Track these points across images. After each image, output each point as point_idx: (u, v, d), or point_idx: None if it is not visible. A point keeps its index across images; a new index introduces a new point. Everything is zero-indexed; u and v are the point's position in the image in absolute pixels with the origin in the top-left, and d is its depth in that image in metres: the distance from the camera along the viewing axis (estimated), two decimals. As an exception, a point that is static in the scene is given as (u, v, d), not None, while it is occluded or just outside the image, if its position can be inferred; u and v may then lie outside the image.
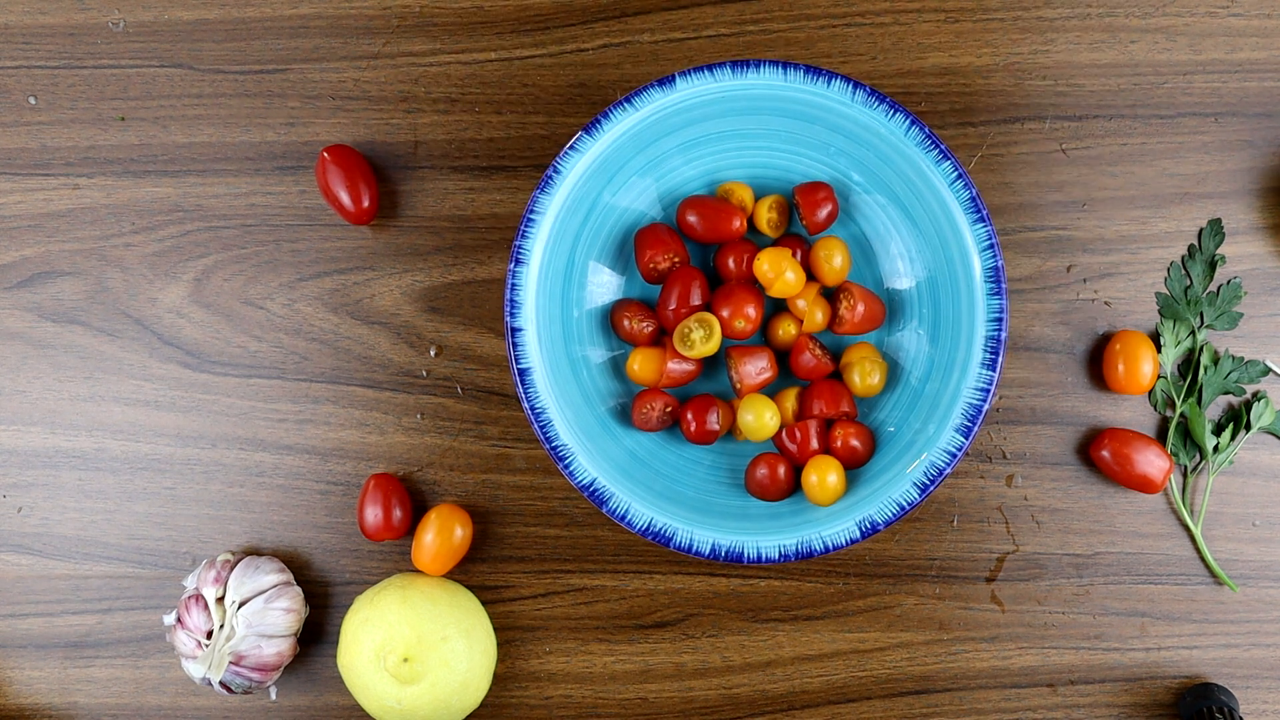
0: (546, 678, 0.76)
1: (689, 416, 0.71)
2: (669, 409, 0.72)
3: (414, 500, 0.76)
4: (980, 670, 0.75)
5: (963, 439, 0.68)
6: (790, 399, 0.72)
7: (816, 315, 0.72)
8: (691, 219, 0.71)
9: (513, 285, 0.69)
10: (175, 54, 0.77)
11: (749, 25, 0.76)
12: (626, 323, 0.72)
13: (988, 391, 0.68)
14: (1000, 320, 0.69)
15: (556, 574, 0.76)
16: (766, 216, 0.72)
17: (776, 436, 0.72)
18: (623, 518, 0.69)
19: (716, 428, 0.71)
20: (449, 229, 0.76)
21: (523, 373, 0.69)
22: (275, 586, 0.73)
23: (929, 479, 0.68)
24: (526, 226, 0.70)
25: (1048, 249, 0.76)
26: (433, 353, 0.76)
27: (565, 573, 0.76)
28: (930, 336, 0.71)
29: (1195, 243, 0.75)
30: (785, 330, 0.73)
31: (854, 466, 0.72)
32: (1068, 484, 0.75)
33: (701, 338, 0.70)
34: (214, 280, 0.77)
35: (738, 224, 0.71)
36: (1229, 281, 0.75)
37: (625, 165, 0.71)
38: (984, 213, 0.69)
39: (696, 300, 0.71)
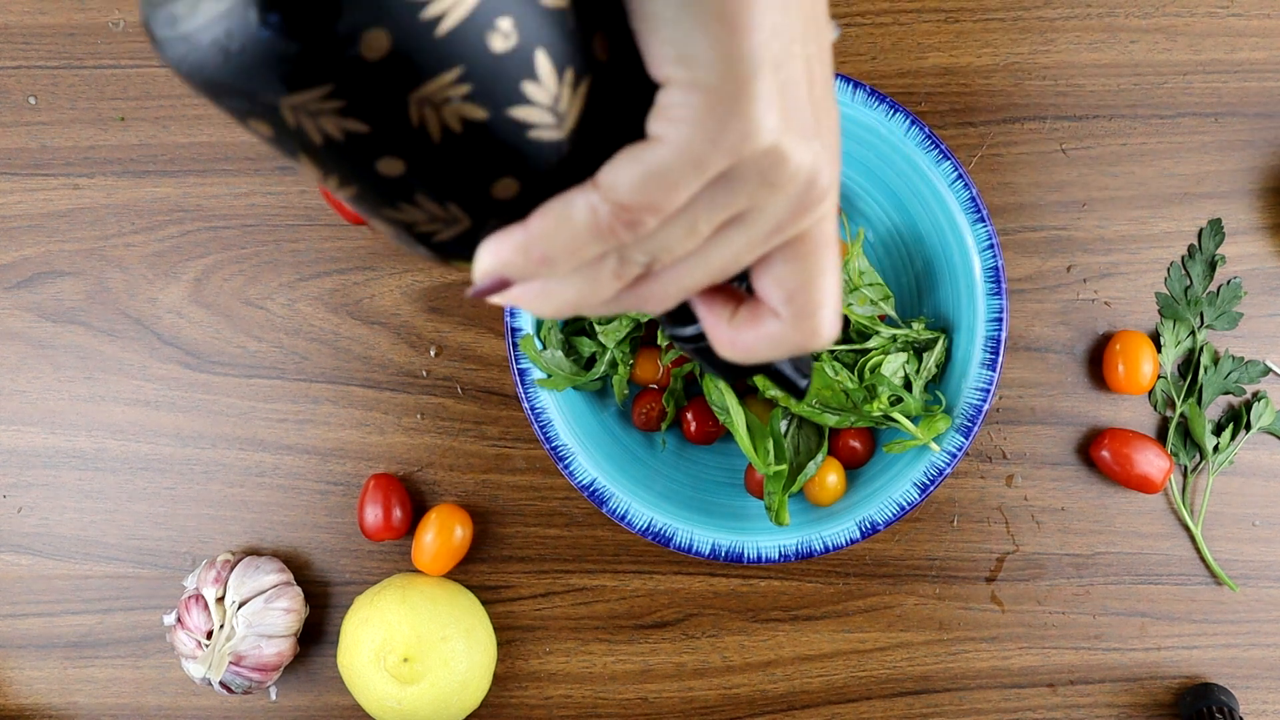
0: (546, 678, 0.76)
1: (689, 416, 0.71)
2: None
3: (414, 500, 0.76)
4: (980, 670, 0.75)
5: (963, 439, 0.68)
6: (790, 399, 0.72)
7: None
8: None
9: (513, 285, 0.69)
10: (175, 54, 0.77)
11: (749, 25, 0.76)
12: (626, 323, 0.72)
13: (988, 391, 0.68)
14: (1000, 320, 0.69)
15: (556, 574, 0.76)
16: (766, 216, 0.72)
17: (776, 436, 0.72)
18: (623, 518, 0.69)
19: (716, 428, 0.71)
20: (449, 229, 0.76)
21: (523, 373, 0.69)
22: (275, 586, 0.73)
23: (929, 479, 0.68)
24: (526, 226, 0.70)
25: (1048, 249, 0.76)
26: (433, 353, 0.76)
27: (565, 573, 0.76)
28: (930, 336, 0.71)
29: (1195, 243, 0.75)
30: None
31: (854, 466, 0.72)
32: (1068, 484, 0.75)
33: (701, 338, 0.70)
34: (214, 280, 0.77)
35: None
36: (1229, 281, 0.75)
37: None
38: (984, 213, 0.69)
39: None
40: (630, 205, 0.33)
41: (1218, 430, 0.75)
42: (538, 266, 0.34)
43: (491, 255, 0.34)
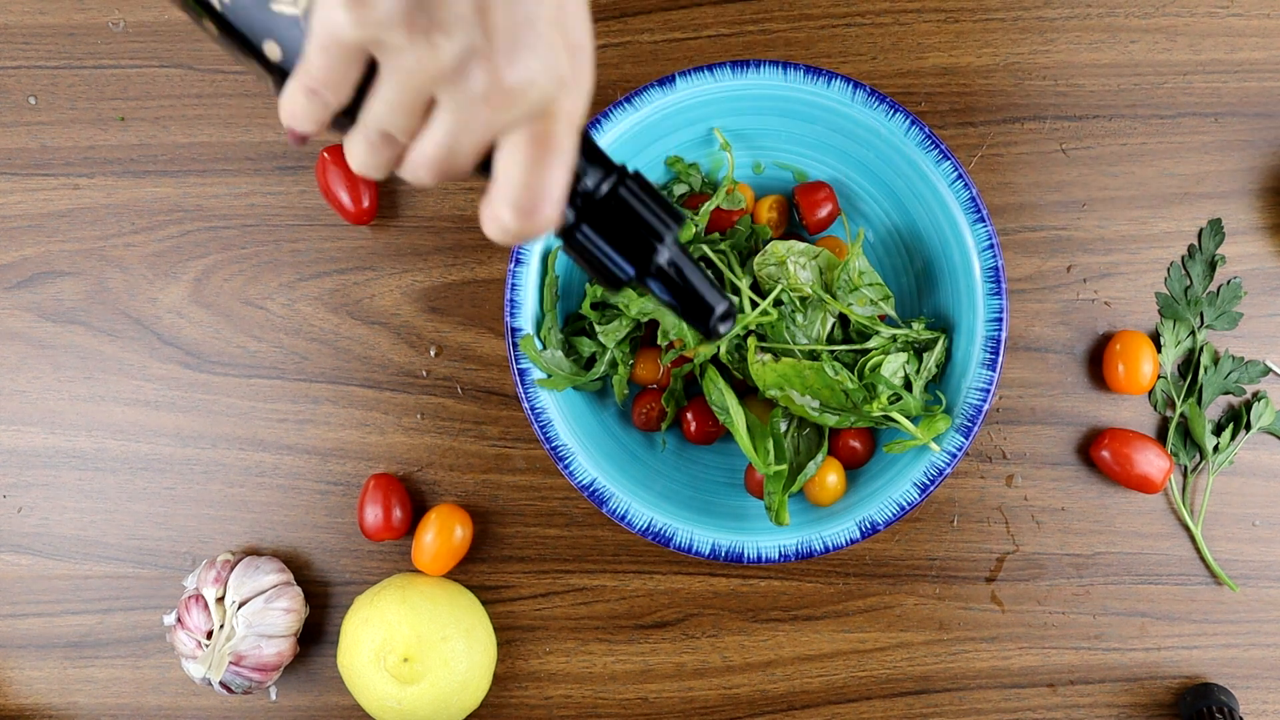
0: (546, 678, 0.76)
1: (689, 416, 0.71)
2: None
3: (414, 500, 0.76)
4: (980, 670, 0.75)
5: (963, 439, 0.68)
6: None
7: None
8: (691, 219, 0.71)
9: (513, 285, 0.69)
10: (175, 54, 0.77)
11: (749, 25, 0.76)
12: (626, 323, 0.72)
13: (988, 391, 0.68)
14: (1000, 320, 0.69)
15: (556, 574, 0.76)
16: (766, 216, 0.72)
17: (776, 436, 0.72)
18: (623, 518, 0.69)
19: (716, 428, 0.71)
20: (449, 229, 0.76)
21: (523, 373, 0.69)
22: (275, 586, 0.73)
23: (929, 479, 0.68)
24: (526, 226, 0.70)
25: (1048, 249, 0.76)
26: (433, 353, 0.76)
27: (565, 573, 0.76)
28: (930, 336, 0.71)
29: (1195, 243, 0.75)
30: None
31: (854, 466, 0.72)
32: (1068, 484, 0.75)
33: (701, 338, 0.70)
34: (214, 280, 0.77)
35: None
36: (1229, 281, 0.75)
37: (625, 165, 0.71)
38: (984, 213, 0.69)
39: (696, 300, 0.71)
40: (304, 75, 0.40)
41: (1218, 430, 0.75)
42: (289, 119, 0.42)
43: (282, 104, 0.42)
